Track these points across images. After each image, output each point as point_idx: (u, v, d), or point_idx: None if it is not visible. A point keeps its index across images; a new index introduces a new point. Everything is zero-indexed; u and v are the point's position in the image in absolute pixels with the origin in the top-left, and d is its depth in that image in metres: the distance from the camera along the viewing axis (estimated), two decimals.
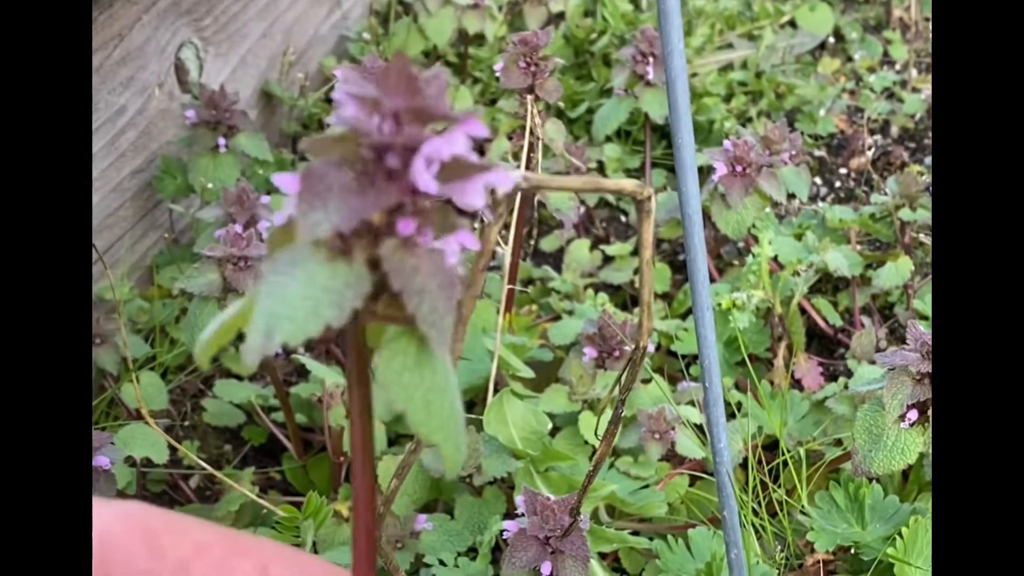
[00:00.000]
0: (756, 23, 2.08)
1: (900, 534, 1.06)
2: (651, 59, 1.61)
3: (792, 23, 2.13)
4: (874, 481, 1.14)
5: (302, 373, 1.51)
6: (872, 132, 1.91)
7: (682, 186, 0.93)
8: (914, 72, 2.08)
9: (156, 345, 1.44)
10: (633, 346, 0.77)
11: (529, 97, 1.31)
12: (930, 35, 2.22)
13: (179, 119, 1.60)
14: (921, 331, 1.06)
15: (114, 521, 0.41)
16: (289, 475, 1.38)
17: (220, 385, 1.39)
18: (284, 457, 1.40)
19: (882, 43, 2.16)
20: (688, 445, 1.22)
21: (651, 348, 1.30)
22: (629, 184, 0.69)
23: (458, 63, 1.97)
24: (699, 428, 1.25)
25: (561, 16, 2.09)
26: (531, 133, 1.33)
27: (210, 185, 1.44)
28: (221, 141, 1.49)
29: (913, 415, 1.05)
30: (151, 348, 1.42)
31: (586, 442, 1.23)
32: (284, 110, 1.83)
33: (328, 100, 1.88)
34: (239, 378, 1.50)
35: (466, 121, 0.38)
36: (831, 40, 2.15)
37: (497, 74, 1.32)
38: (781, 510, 1.18)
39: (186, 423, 1.49)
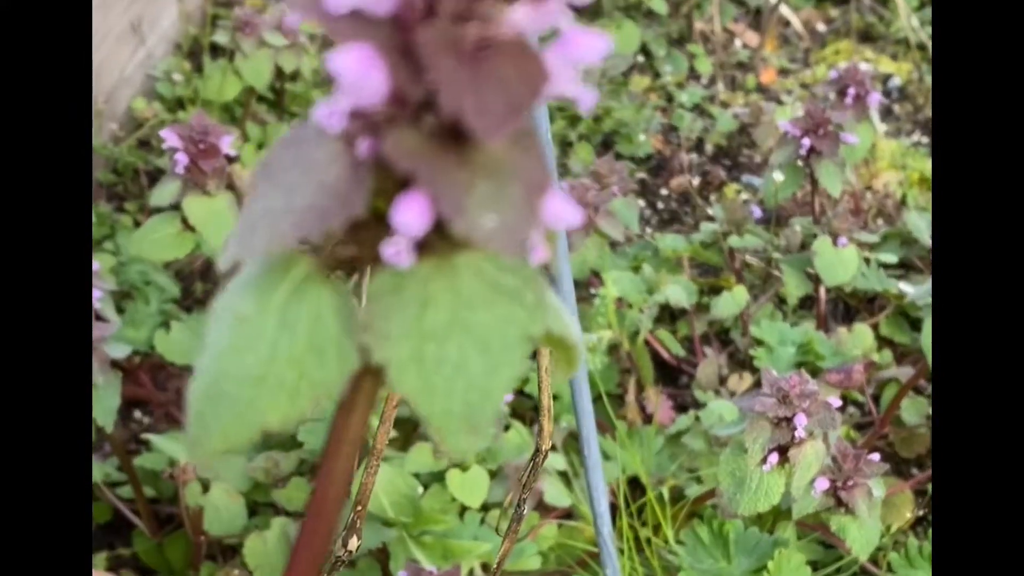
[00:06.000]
0: None
1: (767, 568, 1.11)
2: None
3: None
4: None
5: (140, 442, 1.46)
6: (688, 151, 1.97)
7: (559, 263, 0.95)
8: (720, 86, 2.16)
9: None
10: (534, 449, 0.78)
11: None
12: (730, 46, 2.31)
13: None
14: (775, 376, 1.10)
15: None
16: (142, 555, 1.33)
17: None
18: (135, 534, 1.35)
19: (687, 57, 2.23)
20: (555, 493, 1.23)
21: (508, 396, 1.31)
22: None
23: (274, 99, 1.93)
24: (562, 474, 1.27)
25: None
26: None
27: None
28: None
29: (774, 458, 1.09)
30: None
31: (454, 499, 1.23)
32: (97, 159, 1.75)
33: (142, 144, 1.81)
34: None
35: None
36: (639, 58, 2.21)
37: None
38: (649, 548, 1.21)
39: None
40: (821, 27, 2.42)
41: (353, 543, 0.66)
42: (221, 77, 1.72)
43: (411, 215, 0.27)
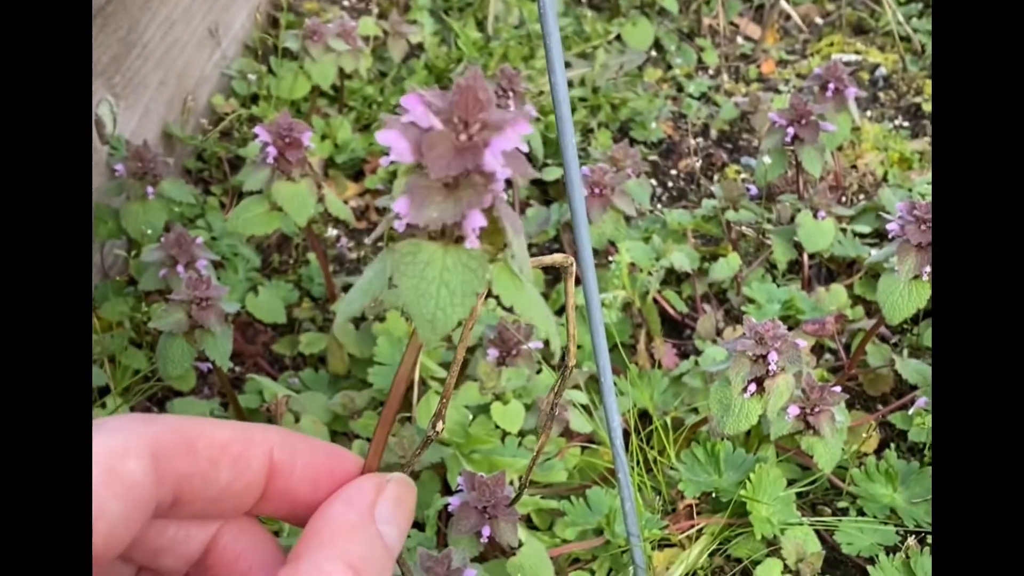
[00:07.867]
0: (589, 42, 2.38)
1: (749, 479, 1.38)
2: (511, 93, 1.89)
3: (619, 38, 2.45)
4: (725, 439, 1.46)
5: (233, 385, 1.75)
6: (695, 136, 2.24)
7: (576, 218, 1.22)
8: (725, 77, 2.42)
9: (113, 373, 1.65)
10: (562, 365, 1.06)
11: None
12: (734, 39, 2.57)
13: (102, 168, 1.80)
14: (754, 322, 1.37)
15: (162, 433, 0.53)
16: None
17: (178, 403, 1.62)
18: None
19: (695, 50, 2.49)
20: (579, 422, 1.51)
21: (539, 344, 1.59)
22: (559, 257, 0.97)
23: (334, 95, 2.21)
24: (584, 407, 1.55)
25: (420, 47, 2.35)
26: None
27: (149, 231, 1.65)
28: (150, 190, 1.70)
29: (752, 388, 1.36)
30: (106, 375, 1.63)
31: (497, 426, 1.51)
32: (184, 148, 2.04)
33: (223, 135, 2.10)
34: (180, 393, 1.73)
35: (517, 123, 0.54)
36: (653, 52, 2.47)
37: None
38: (655, 466, 1.49)
39: None
40: (819, 20, 2.67)
41: (440, 426, 0.91)
42: (292, 78, 2.00)
43: (400, 206, 0.53)
